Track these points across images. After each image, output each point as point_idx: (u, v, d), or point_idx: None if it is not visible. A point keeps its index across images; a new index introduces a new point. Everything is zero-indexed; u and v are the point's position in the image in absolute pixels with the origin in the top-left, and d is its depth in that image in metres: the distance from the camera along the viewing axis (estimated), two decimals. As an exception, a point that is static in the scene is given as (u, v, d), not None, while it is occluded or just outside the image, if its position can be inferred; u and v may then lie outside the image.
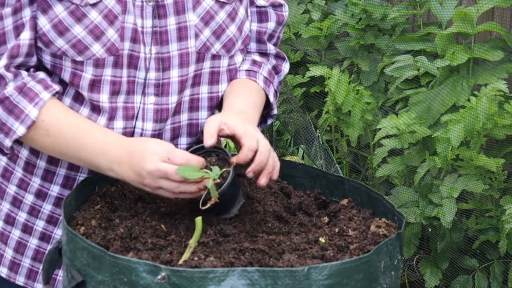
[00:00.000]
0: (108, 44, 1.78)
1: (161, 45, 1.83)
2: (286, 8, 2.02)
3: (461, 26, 3.07)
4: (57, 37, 1.76)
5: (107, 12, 1.77)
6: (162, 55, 1.84)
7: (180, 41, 1.85)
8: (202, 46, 1.87)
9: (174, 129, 1.90)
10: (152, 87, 1.85)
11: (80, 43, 1.77)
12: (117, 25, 1.78)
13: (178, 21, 1.83)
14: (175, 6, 1.83)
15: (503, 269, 3.11)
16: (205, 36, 1.86)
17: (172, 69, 1.85)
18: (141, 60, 1.82)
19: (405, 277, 3.42)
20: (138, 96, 1.85)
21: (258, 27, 1.99)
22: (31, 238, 1.92)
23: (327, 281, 1.44)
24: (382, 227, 1.66)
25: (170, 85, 1.86)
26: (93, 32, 1.77)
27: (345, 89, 3.30)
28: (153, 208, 1.74)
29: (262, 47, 2.01)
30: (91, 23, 1.76)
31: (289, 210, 1.81)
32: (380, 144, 3.18)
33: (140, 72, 1.83)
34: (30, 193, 1.90)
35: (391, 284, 1.54)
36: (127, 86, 1.83)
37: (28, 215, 1.91)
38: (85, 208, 1.74)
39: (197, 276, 1.41)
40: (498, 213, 2.94)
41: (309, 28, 3.69)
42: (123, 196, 1.78)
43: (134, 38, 1.80)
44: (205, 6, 1.85)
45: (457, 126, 2.86)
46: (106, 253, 1.48)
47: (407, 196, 3.16)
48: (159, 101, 1.86)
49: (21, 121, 1.74)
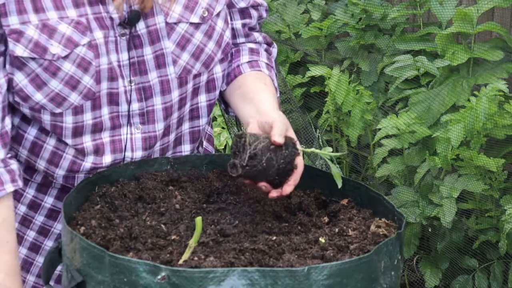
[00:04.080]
0: (84, 91, 1.78)
1: (141, 75, 1.84)
2: (264, 4, 2.05)
3: (461, 26, 3.07)
4: (35, 92, 1.76)
5: (79, 61, 1.76)
6: (142, 84, 1.84)
7: (159, 68, 1.85)
8: (183, 71, 1.87)
9: (163, 149, 1.91)
10: (137, 117, 1.85)
11: (58, 96, 1.76)
12: (91, 71, 1.77)
13: (154, 50, 1.84)
14: (149, 36, 1.82)
15: (503, 269, 3.11)
16: (184, 60, 1.86)
17: (155, 96, 1.86)
18: (121, 95, 1.82)
19: (405, 277, 3.42)
20: (124, 128, 1.85)
21: (242, 23, 2.02)
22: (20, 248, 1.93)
23: (327, 281, 1.44)
24: (382, 227, 1.66)
25: (154, 113, 1.87)
26: (69, 83, 1.76)
27: (345, 89, 3.30)
28: (153, 208, 1.74)
29: (251, 39, 2.04)
30: (66, 75, 1.75)
31: (289, 210, 1.81)
32: (380, 144, 3.17)
33: (123, 106, 1.83)
34: (23, 204, 1.91)
35: (391, 284, 1.54)
36: (110, 122, 1.83)
37: (20, 225, 1.92)
38: (85, 208, 1.74)
39: (197, 276, 1.41)
40: (498, 213, 2.94)
41: (309, 28, 3.68)
42: (123, 196, 1.78)
43: (110, 76, 1.80)
44: (179, 31, 1.85)
45: (457, 126, 2.86)
46: (106, 253, 1.48)
47: (407, 196, 3.15)
48: (146, 129, 1.87)
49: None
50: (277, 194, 1.74)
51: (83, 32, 1.75)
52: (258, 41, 2.05)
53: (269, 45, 2.08)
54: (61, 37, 1.73)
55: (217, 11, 1.90)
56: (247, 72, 1.98)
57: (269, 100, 1.90)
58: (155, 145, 1.90)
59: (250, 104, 1.91)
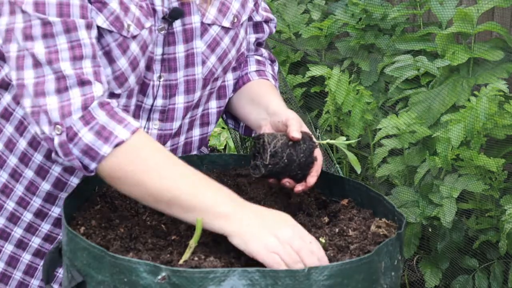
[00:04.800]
0: (139, 74, 1.79)
1: (169, 72, 1.85)
2: (275, 20, 2.10)
3: (462, 26, 3.06)
4: (107, 65, 1.75)
5: (142, 44, 1.77)
6: (169, 82, 1.85)
7: (186, 67, 1.86)
8: (208, 73, 1.90)
9: (172, 151, 1.92)
10: (157, 113, 1.87)
11: (122, 75, 1.76)
12: (146, 55, 1.79)
13: (186, 49, 1.85)
14: (183, 34, 1.84)
15: (503, 269, 3.11)
16: (211, 62, 1.89)
17: (178, 95, 1.87)
18: (150, 87, 1.83)
19: (405, 277, 3.42)
20: (143, 121, 1.86)
21: (255, 37, 2.07)
22: (24, 253, 1.92)
23: (328, 282, 1.44)
24: (382, 227, 1.66)
25: (175, 111, 1.88)
26: (132, 63, 1.77)
27: (345, 89, 3.29)
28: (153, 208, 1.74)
29: (258, 53, 2.09)
30: (131, 54, 1.76)
31: (289, 210, 1.81)
32: (380, 144, 3.17)
33: (148, 99, 1.84)
34: (30, 211, 1.90)
35: (392, 284, 1.54)
36: (134, 111, 1.84)
37: (25, 232, 1.91)
38: (85, 208, 1.74)
39: (197, 276, 1.41)
40: (498, 213, 2.94)
41: (309, 28, 3.68)
42: (123, 196, 1.78)
43: (148, 65, 1.81)
44: (212, 33, 1.88)
45: (457, 126, 2.85)
46: (107, 253, 1.48)
47: (407, 196, 3.15)
48: (163, 127, 1.88)
49: (124, 126, 1.65)
50: (302, 187, 1.79)
51: (146, 16, 1.77)
52: (264, 56, 2.10)
53: (272, 62, 2.13)
54: (133, 16, 1.74)
55: (242, 20, 1.94)
56: (255, 79, 2.02)
57: (277, 101, 1.93)
58: (165, 144, 1.91)
59: (259, 107, 1.94)
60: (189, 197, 1.58)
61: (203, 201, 1.57)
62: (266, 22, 2.08)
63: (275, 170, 1.77)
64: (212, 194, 1.59)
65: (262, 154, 1.77)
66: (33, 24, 1.64)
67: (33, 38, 1.64)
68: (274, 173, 1.78)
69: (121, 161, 1.63)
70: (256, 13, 2.04)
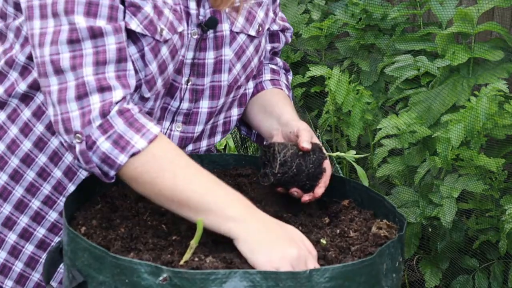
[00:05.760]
0: (166, 78, 1.80)
1: (197, 77, 1.86)
2: (291, 30, 2.12)
3: (462, 26, 3.06)
4: (143, 68, 1.75)
5: (172, 48, 1.78)
6: (196, 86, 1.87)
7: (214, 74, 1.88)
8: (233, 80, 1.91)
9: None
10: (181, 116, 1.88)
11: (152, 79, 1.77)
12: (175, 59, 1.79)
13: (216, 55, 1.87)
14: (214, 41, 1.85)
15: (503, 269, 3.11)
16: (237, 70, 1.91)
17: (203, 100, 1.89)
18: (178, 90, 1.85)
19: (405, 277, 3.42)
20: (167, 122, 1.88)
21: (271, 46, 2.09)
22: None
23: (329, 284, 1.43)
24: (383, 228, 1.66)
25: (198, 115, 1.90)
26: (161, 67, 1.77)
27: (345, 89, 3.29)
28: (154, 208, 1.74)
29: (273, 62, 2.11)
30: (161, 58, 1.76)
31: (290, 211, 1.81)
32: (380, 144, 3.17)
33: (175, 102, 1.86)
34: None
35: (393, 286, 1.54)
36: (160, 112, 1.86)
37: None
38: (86, 208, 1.74)
39: (198, 278, 1.41)
40: (498, 213, 2.94)
41: (309, 28, 3.68)
42: (123, 196, 1.78)
43: (178, 69, 1.82)
44: (239, 41, 1.89)
45: (458, 126, 2.85)
46: (108, 253, 1.48)
47: (407, 196, 3.15)
48: (186, 129, 1.89)
49: (142, 135, 1.65)
50: (309, 198, 1.81)
51: (179, 20, 1.77)
52: (279, 65, 2.12)
53: (287, 71, 2.14)
54: (166, 20, 1.75)
55: (265, 29, 1.96)
56: (269, 88, 2.03)
57: (290, 111, 1.95)
58: (186, 147, 1.92)
59: (271, 117, 1.96)
60: (200, 198, 1.59)
61: (215, 203, 1.58)
62: (282, 32, 2.10)
63: (284, 179, 1.79)
64: (224, 196, 1.60)
65: (271, 163, 1.79)
66: (62, 30, 1.65)
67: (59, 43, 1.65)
68: (283, 182, 1.80)
69: (138, 171, 1.64)
70: (274, 22, 2.06)
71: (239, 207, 1.59)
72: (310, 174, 1.80)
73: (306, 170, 1.80)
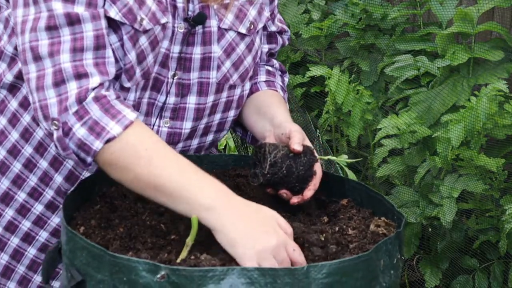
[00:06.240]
0: (145, 69, 1.79)
1: (184, 71, 1.86)
2: (289, 32, 2.12)
3: (462, 26, 3.06)
4: (123, 57, 1.75)
5: (153, 39, 1.77)
6: (183, 81, 1.86)
7: (201, 70, 1.87)
8: (223, 77, 1.91)
9: (183, 152, 1.92)
10: (169, 111, 1.87)
11: (131, 68, 1.76)
12: (155, 51, 1.79)
13: (203, 51, 1.86)
14: (203, 36, 1.85)
15: (503, 269, 3.11)
16: (226, 67, 1.90)
17: (190, 95, 1.88)
18: (164, 84, 1.84)
19: (405, 277, 3.42)
20: (154, 118, 1.87)
21: (268, 48, 2.08)
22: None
23: (327, 280, 1.44)
24: (382, 226, 1.66)
25: (186, 111, 1.89)
26: (139, 57, 1.77)
27: (345, 89, 3.29)
28: (153, 208, 1.74)
29: (270, 63, 2.11)
30: (139, 48, 1.76)
31: (288, 210, 1.81)
32: (380, 144, 3.17)
33: (161, 96, 1.85)
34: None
35: (391, 283, 1.54)
36: (146, 107, 1.85)
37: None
38: (85, 208, 1.74)
39: (196, 275, 1.41)
40: (498, 213, 2.94)
41: (309, 28, 3.68)
42: (122, 196, 1.78)
43: (163, 62, 1.82)
44: (228, 39, 1.89)
45: (458, 126, 2.85)
46: (106, 252, 1.48)
47: (407, 196, 3.15)
48: (174, 125, 1.89)
49: (117, 121, 1.65)
50: (298, 200, 1.81)
51: (163, 12, 1.77)
52: (275, 67, 2.12)
53: (283, 73, 2.14)
54: (148, 10, 1.75)
55: (258, 28, 1.96)
56: (264, 89, 2.03)
57: (283, 113, 1.95)
58: (177, 143, 1.91)
59: (265, 118, 1.95)
60: (174, 184, 1.59)
61: (187, 189, 1.58)
62: (280, 33, 2.10)
63: (274, 180, 1.79)
64: (198, 184, 1.59)
65: (262, 163, 1.79)
66: (41, 16, 1.65)
67: (38, 30, 1.65)
68: (272, 183, 1.80)
69: (113, 157, 1.64)
70: (272, 23, 2.05)
71: (211, 193, 1.58)
72: (300, 176, 1.80)
73: (296, 172, 1.79)
